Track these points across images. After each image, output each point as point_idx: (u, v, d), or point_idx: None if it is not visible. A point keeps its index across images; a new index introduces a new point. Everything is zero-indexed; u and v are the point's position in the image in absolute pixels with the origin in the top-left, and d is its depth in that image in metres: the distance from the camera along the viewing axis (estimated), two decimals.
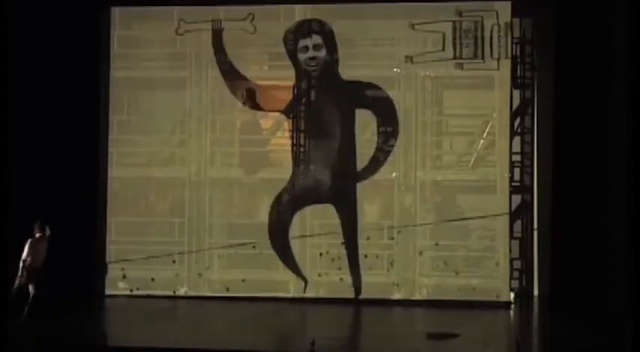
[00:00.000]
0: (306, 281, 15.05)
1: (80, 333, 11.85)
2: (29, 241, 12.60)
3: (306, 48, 15.30)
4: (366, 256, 15.04)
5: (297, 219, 15.23)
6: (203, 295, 15.19)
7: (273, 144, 15.46)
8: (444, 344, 11.56)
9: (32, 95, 14.25)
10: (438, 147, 15.29)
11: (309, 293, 15.12)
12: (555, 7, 14.45)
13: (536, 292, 15.43)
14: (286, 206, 15.22)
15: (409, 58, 14.98)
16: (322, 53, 15.28)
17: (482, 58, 14.92)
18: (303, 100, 15.31)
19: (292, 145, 15.26)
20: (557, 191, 14.35)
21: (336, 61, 15.24)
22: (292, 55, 15.33)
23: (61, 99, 14.66)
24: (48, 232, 12.83)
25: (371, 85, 15.15)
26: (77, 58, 14.85)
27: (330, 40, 15.29)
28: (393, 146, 15.06)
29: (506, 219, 14.86)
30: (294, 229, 15.22)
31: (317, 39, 15.29)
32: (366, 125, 15.20)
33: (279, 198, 15.23)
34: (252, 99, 15.29)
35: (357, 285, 14.98)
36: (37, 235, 12.76)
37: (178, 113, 15.59)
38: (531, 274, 15.52)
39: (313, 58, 15.26)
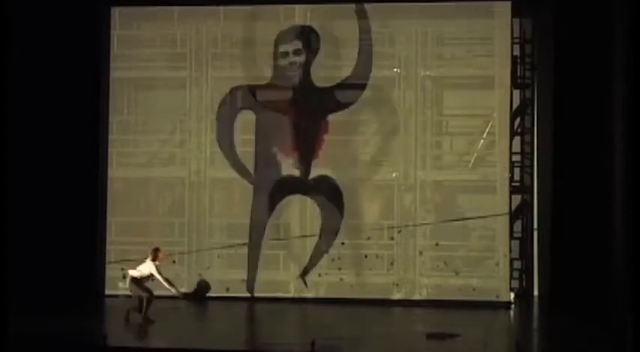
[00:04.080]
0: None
1: (80, 333, 11.84)
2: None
3: (286, 53, 15.34)
4: (366, 256, 15.05)
5: (297, 219, 15.25)
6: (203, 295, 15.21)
7: (273, 145, 15.44)
8: (444, 344, 11.55)
9: (32, 95, 14.23)
10: (438, 147, 15.29)
11: (309, 293, 15.14)
12: (555, 7, 14.45)
13: (536, 292, 15.44)
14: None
15: None
16: (302, 58, 15.31)
17: None
18: (303, 100, 15.32)
19: (292, 145, 15.28)
20: (557, 191, 14.35)
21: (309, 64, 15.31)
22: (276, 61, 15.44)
23: (61, 99, 14.66)
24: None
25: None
26: (77, 58, 14.86)
27: (311, 44, 15.32)
28: None
29: (506, 219, 14.87)
30: (295, 229, 15.23)
31: (297, 44, 15.33)
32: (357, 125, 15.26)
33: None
34: None
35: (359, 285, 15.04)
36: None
37: (178, 113, 15.60)
38: (531, 274, 15.53)
39: (294, 63, 15.30)
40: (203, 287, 15.19)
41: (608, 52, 13.38)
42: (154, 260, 13.08)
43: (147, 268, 13.02)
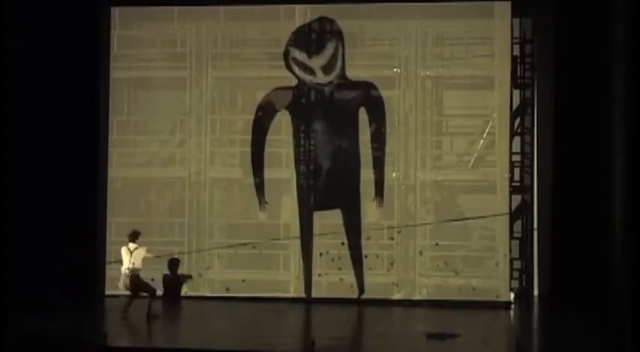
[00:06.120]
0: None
1: (80, 333, 11.84)
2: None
3: (310, 69, 15.28)
4: (366, 256, 15.04)
5: (296, 219, 15.26)
6: (203, 295, 15.20)
7: (274, 145, 15.42)
8: (444, 344, 11.56)
9: (32, 95, 14.25)
10: (438, 147, 15.29)
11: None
12: (555, 7, 14.46)
13: (536, 292, 15.44)
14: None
15: None
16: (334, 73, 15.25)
17: None
18: (304, 100, 15.32)
19: (294, 146, 15.25)
20: (557, 191, 14.35)
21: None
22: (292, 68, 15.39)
23: (61, 99, 14.66)
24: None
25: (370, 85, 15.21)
26: (77, 58, 14.86)
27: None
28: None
29: (506, 219, 14.86)
30: (294, 229, 15.23)
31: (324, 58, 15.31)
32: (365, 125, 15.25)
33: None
34: None
35: (360, 286, 14.98)
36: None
37: (178, 113, 15.61)
38: (531, 274, 15.54)
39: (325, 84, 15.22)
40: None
41: (608, 52, 13.39)
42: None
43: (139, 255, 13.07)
